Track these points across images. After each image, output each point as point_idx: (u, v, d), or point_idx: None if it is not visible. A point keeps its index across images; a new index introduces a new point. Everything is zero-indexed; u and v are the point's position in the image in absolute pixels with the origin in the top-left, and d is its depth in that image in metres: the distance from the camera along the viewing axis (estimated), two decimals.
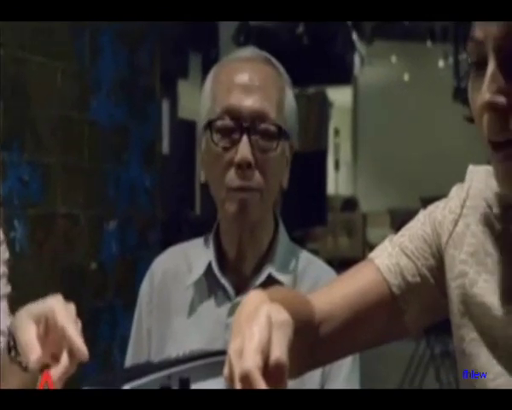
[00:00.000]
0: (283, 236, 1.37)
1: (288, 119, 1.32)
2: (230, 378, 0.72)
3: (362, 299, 0.95)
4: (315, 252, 1.66)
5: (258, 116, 1.27)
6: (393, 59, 8.94)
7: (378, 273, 0.96)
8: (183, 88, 6.16)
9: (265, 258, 1.33)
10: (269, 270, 1.32)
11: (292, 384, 0.75)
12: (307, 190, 6.69)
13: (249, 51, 1.35)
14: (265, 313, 0.74)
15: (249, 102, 1.27)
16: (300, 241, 6.47)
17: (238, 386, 0.71)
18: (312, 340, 0.91)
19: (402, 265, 0.95)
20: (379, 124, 9.43)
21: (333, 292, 0.96)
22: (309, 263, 1.38)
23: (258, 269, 1.33)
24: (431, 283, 0.94)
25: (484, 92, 0.79)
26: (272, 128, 1.28)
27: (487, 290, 0.88)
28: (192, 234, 1.48)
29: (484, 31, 0.79)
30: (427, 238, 0.96)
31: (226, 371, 0.73)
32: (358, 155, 10.04)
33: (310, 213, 6.82)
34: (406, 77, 8.98)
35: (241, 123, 1.26)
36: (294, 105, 1.35)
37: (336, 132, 8.29)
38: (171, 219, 5.22)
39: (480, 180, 0.94)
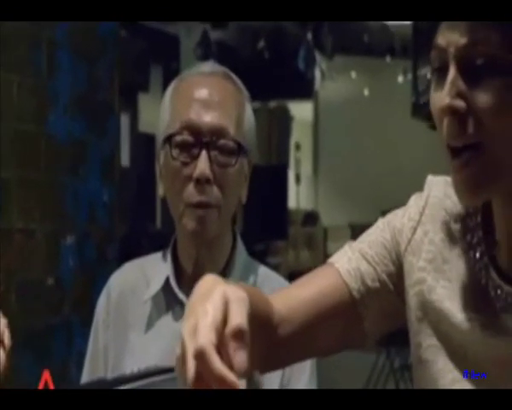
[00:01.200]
0: (241, 250, 1.37)
1: (246, 134, 1.32)
2: (183, 359, 0.68)
3: (321, 302, 0.93)
4: (276, 266, 1.66)
5: (218, 132, 1.26)
6: (353, 74, 9.02)
7: (338, 277, 0.95)
8: (144, 101, 6.14)
9: (223, 273, 1.33)
10: None
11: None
12: (268, 204, 6.70)
13: (209, 66, 1.35)
14: (220, 292, 0.72)
15: (208, 118, 1.27)
16: (261, 255, 6.47)
17: (191, 364, 0.67)
18: (270, 340, 0.89)
19: (362, 269, 0.95)
20: (340, 138, 9.50)
21: (292, 295, 0.94)
22: (267, 278, 1.38)
23: None
24: (390, 289, 0.95)
25: (444, 96, 0.81)
26: (231, 144, 1.28)
27: (445, 297, 0.88)
28: (153, 248, 1.47)
29: (446, 38, 0.81)
30: (387, 245, 0.96)
31: (178, 350, 0.70)
32: (319, 170, 10.09)
33: (271, 227, 6.83)
34: (366, 92, 9.07)
35: (201, 138, 1.26)
36: (253, 120, 1.36)
37: (297, 147, 8.33)
38: (131, 234, 5.18)
39: (438, 190, 0.95)
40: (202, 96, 1.28)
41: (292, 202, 7.84)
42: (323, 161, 10.02)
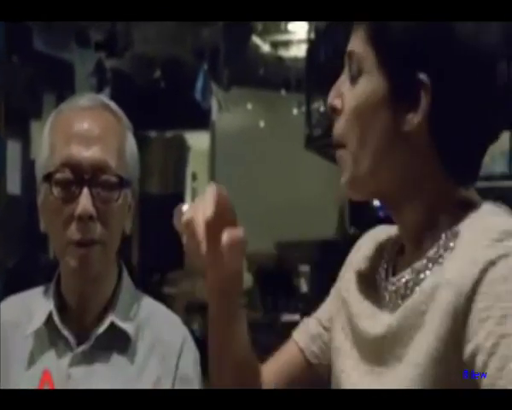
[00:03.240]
0: (127, 283, 1.36)
1: (129, 165, 1.32)
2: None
3: (286, 372, 1.13)
4: (172, 296, 1.65)
5: (99, 168, 1.25)
6: (249, 106, 9.12)
7: (295, 346, 1.13)
8: (37, 128, 5.99)
9: (108, 306, 1.31)
10: (111, 318, 1.30)
11: None
12: (164, 233, 6.65)
13: (87, 99, 1.33)
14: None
15: (89, 153, 1.25)
16: (157, 285, 6.40)
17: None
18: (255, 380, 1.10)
19: (315, 333, 1.11)
20: (236, 169, 9.56)
21: (267, 369, 1.13)
22: (153, 310, 1.37)
23: (100, 318, 1.31)
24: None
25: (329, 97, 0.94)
26: (113, 179, 1.27)
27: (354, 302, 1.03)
28: (45, 279, 1.43)
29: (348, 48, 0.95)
30: (334, 300, 1.10)
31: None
32: None
33: (167, 257, 6.76)
34: (262, 123, 9.18)
35: (82, 175, 1.24)
36: (135, 149, 1.35)
37: (194, 177, 8.33)
38: (19, 265, 5.01)
39: (370, 233, 1.09)
40: (81, 130, 1.26)
41: None
42: None
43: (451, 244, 0.91)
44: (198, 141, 9.45)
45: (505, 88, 0.92)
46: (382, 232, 1.06)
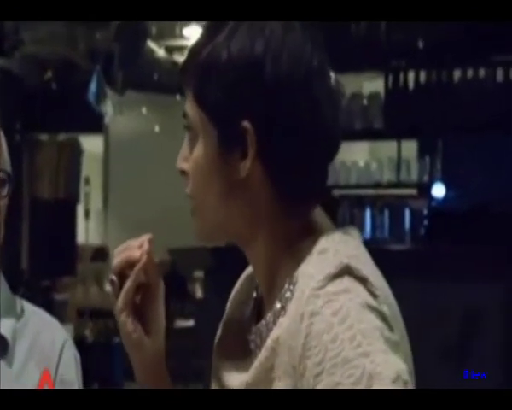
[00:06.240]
0: (4, 288, 1.33)
1: (6, 161, 1.29)
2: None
3: None
4: (63, 302, 1.63)
5: None
6: (144, 110, 9.05)
7: None
8: None
9: None
10: None
11: None
12: (55, 239, 6.50)
13: None
14: None
15: None
16: (48, 291, 6.25)
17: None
18: None
19: None
20: (130, 173, 9.46)
21: None
22: (31, 315, 1.36)
23: None
24: None
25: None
26: (1, 175, 1.24)
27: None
28: None
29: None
30: None
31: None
32: (109, 205, 9.97)
33: (58, 263, 6.61)
34: (157, 128, 9.13)
35: None
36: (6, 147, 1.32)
37: (87, 181, 8.18)
38: None
39: None
40: None
41: (81, 237, 7.67)
42: (114, 195, 9.92)
43: (290, 294, 0.94)
44: (91, 145, 9.28)
45: (331, 105, 0.97)
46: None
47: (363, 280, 0.91)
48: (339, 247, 0.94)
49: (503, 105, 5.03)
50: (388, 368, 0.84)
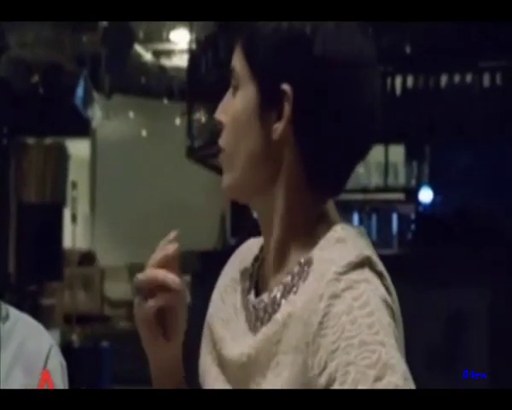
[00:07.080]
0: None
1: None
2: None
3: None
4: (50, 307, 1.62)
5: None
6: (131, 114, 9.04)
7: None
8: None
9: None
10: None
11: None
12: (42, 243, 6.47)
13: None
14: None
15: None
16: (35, 296, 6.22)
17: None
18: None
19: None
20: (118, 178, 9.44)
21: None
22: (17, 321, 1.35)
23: None
24: None
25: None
26: None
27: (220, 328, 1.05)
28: None
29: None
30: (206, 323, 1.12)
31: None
32: (96, 209, 9.94)
33: (45, 268, 6.59)
34: (144, 132, 9.12)
35: None
36: None
37: (74, 185, 8.15)
38: None
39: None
40: None
41: (67, 242, 7.64)
42: (101, 200, 9.89)
43: (304, 274, 0.95)
44: (78, 149, 9.25)
45: (372, 101, 0.98)
46: (251, 247, 1.08)
47: (380, 275, 0.93)
48: (356, 239, 0.96)
49: (489, 110, 5.06)
50: (401, 365, 0.86)
